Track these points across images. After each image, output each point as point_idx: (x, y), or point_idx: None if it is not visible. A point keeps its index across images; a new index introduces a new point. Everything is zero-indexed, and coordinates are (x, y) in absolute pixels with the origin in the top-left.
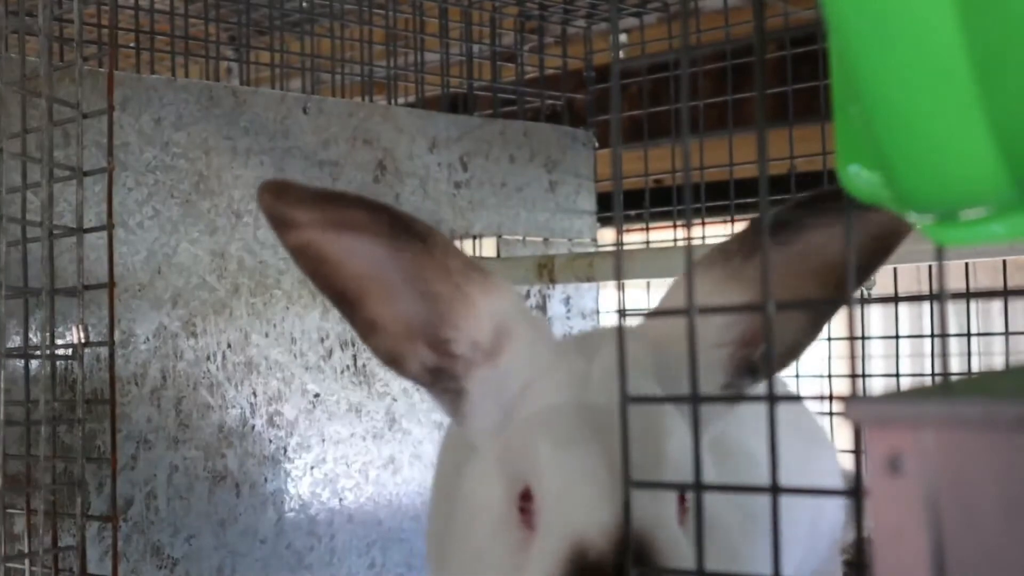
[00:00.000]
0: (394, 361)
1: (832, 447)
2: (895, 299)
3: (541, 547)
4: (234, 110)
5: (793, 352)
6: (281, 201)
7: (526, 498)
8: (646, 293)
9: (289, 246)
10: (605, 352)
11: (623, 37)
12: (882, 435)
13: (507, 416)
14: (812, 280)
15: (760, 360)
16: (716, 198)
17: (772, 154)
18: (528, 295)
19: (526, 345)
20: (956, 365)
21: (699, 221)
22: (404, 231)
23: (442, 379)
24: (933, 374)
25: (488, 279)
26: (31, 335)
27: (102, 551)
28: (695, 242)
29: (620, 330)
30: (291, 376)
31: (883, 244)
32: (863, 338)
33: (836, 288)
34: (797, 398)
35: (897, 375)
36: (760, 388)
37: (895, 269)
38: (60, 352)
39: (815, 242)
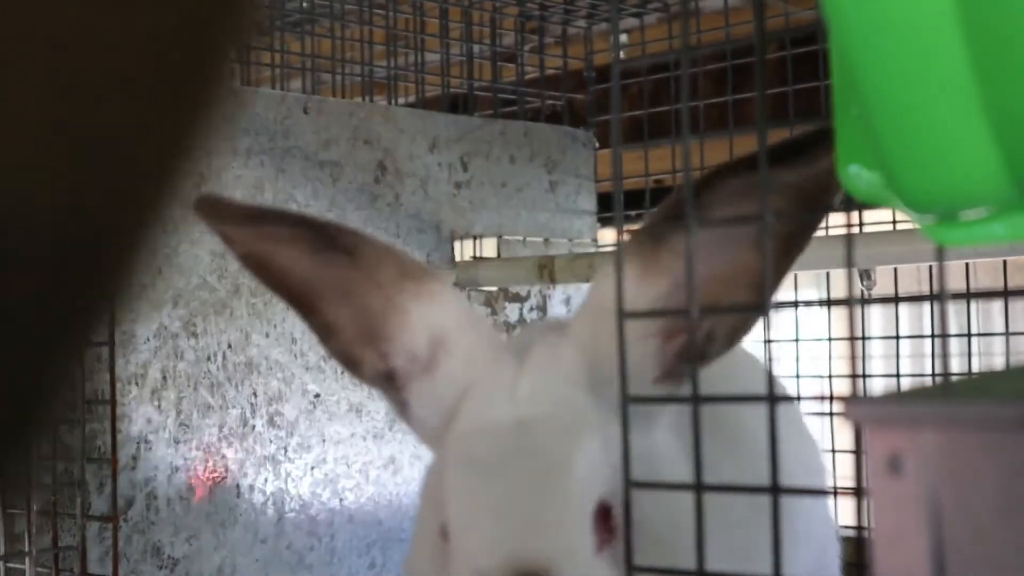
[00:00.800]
0: (350, 364)
1: (815, 444)
2: (895, 299)
3: None
4: (234, 110)
5: (739, 331)
6: (212, 220)
7: (444, 533)
8: None
9: (236, 257)
10: (536, 358)
11: (623, 37)
12: (882, 435)
13: (447, 428)
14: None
15: (695, 347)
16: None
17: None
18: (528, 296)
19: (462, 354)
20: (956, 365)
21: None
22: (327, 246)
23: (392, 386)
24: (933, 374)
25: (423, 287)
26: None
27: (102, 551)
28: None
29: (620, 331)
30: (291, 376)
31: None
32: (863, 338)
33: (783, 245)
34: (793, 398)
35: (897, 375)
36: (760, 388)
37: (895, 269)
38: None
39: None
